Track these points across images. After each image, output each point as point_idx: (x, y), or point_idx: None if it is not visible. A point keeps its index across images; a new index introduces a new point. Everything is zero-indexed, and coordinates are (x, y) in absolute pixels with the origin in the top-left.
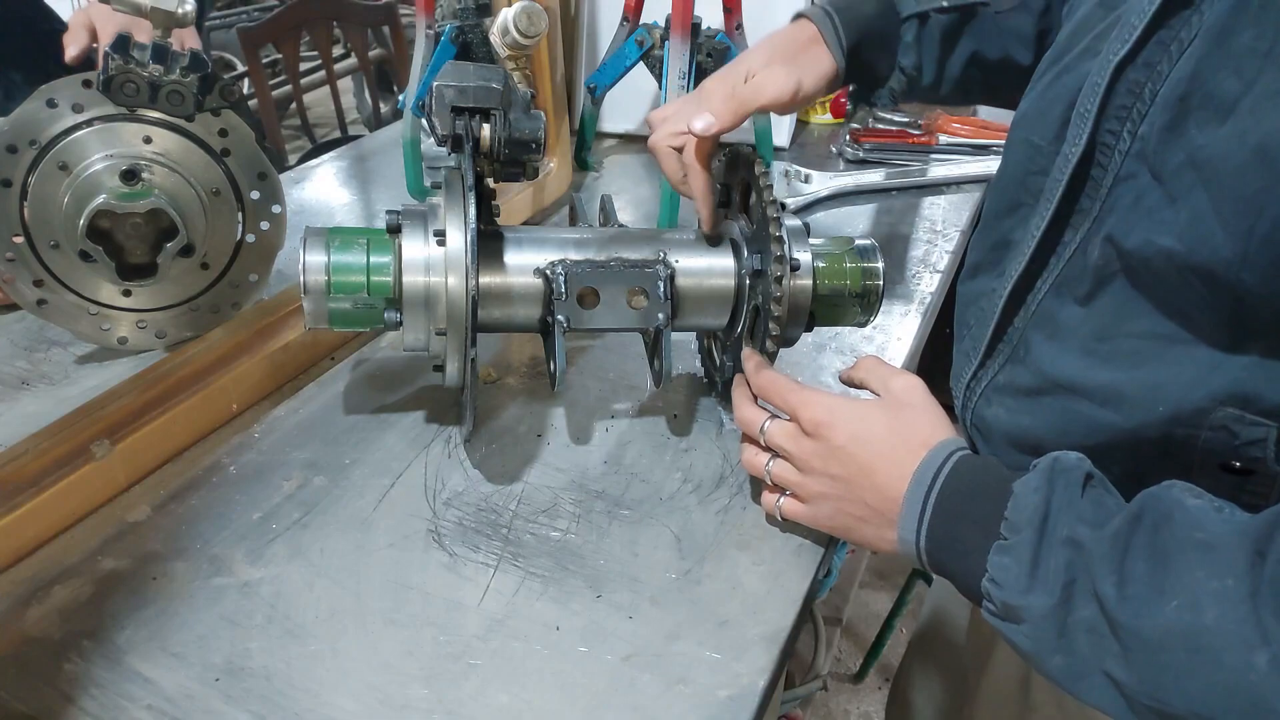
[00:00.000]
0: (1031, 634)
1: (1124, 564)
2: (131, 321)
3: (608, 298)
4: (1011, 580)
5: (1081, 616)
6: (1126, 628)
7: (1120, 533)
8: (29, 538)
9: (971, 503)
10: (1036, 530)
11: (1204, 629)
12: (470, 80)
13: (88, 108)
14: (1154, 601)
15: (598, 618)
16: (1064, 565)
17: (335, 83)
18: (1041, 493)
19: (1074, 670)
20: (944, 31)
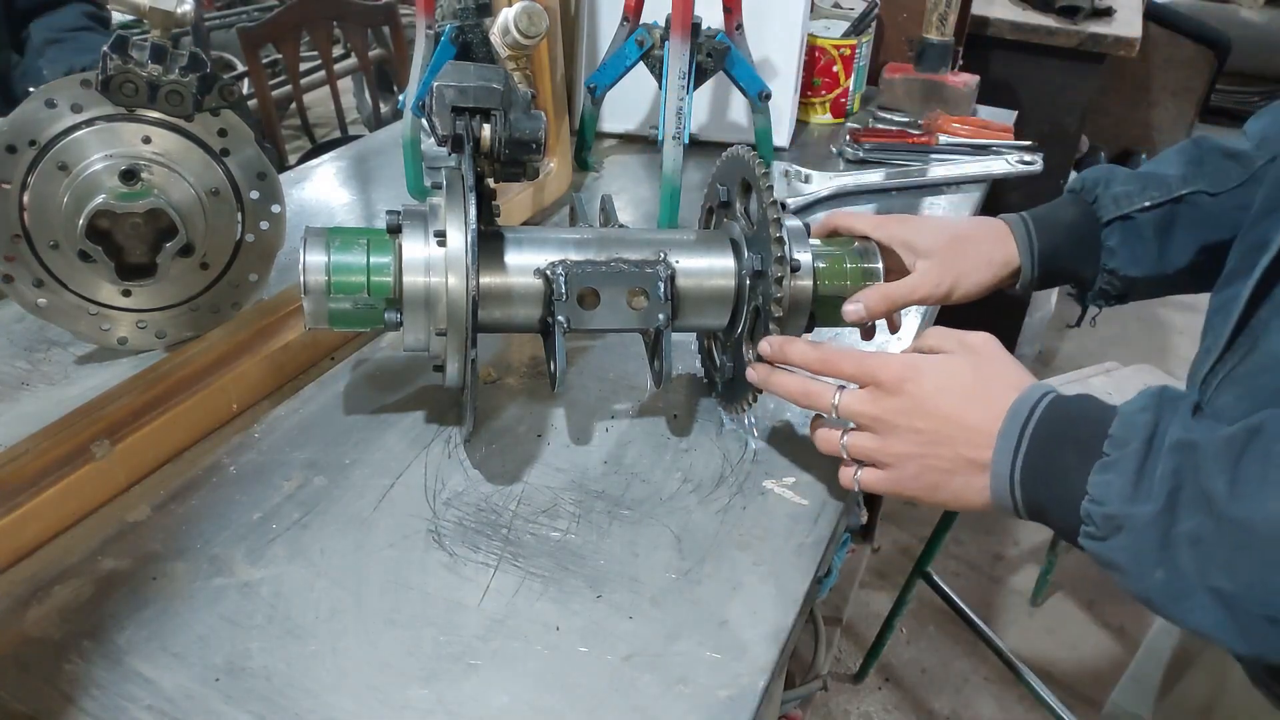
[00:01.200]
0: (1132, 546)
1: (1239, 464)
2: (131, 321)
3: (608, 298)
4: (1114, 493)
5: (1187, 528)
6: (1237, 522)
7: (1236, 437)
8: (29, 538)
9: (1072, 428)
10: (1144, 443)
11: None
12: (470, 80)
13: (87, 108)
14: (1270, 495)
15: (598, 618)
16: (1171, 471)
17: (335, 83)
18: (1151, 411)
19: (1176, 588)
20: (1155, 228)
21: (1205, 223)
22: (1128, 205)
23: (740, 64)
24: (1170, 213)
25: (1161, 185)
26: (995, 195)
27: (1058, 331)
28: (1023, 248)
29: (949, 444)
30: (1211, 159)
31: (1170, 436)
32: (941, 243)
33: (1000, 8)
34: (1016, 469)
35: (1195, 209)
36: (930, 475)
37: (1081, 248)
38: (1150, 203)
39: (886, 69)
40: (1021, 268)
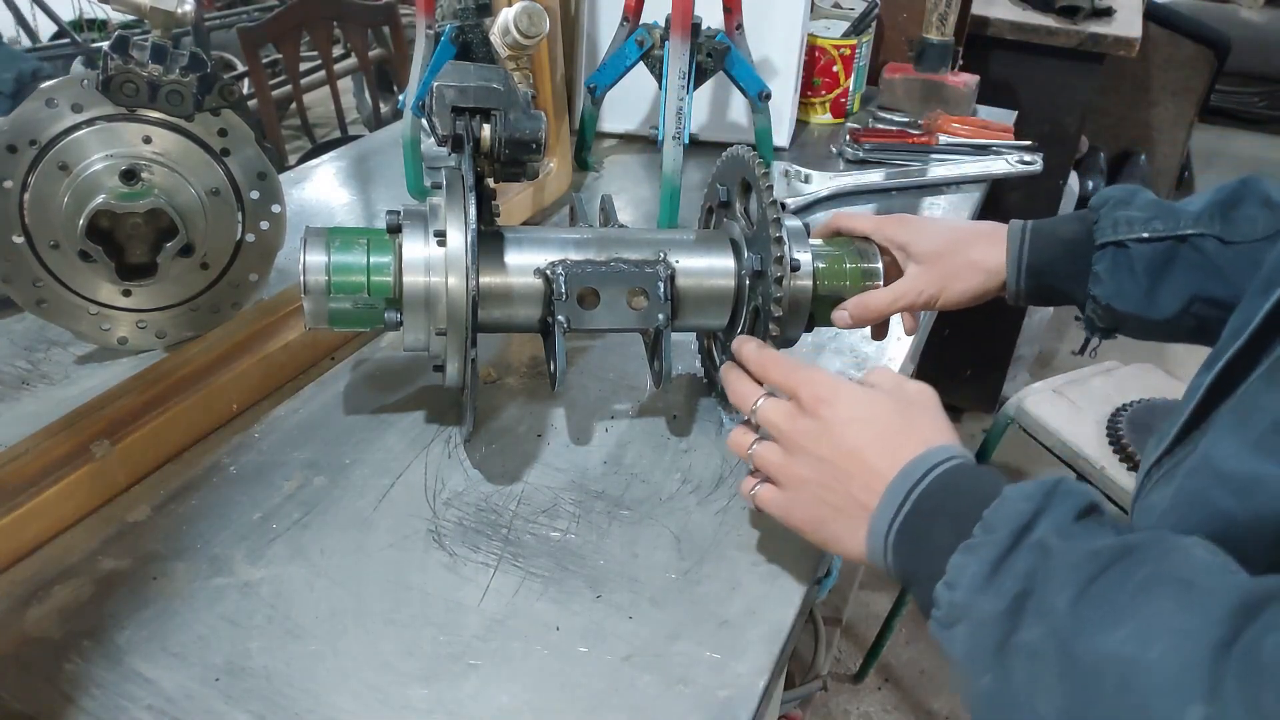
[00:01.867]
0: (969, 641)
1: (1092, 583)
2: (131, 321)
3: (608, 298)
4: (967, 580)
5: (1027, 638)
6: (1065, 648)
7: (1101, 553)
8: (29, 538)
9: (955, 500)
10: (1013, 534)
11: (1144, 665)
12: (470, 80)
13: (87, 107)
14: (1105, 625)
15: (598, 618)
16: (1024, 573)
17: (335, 83)
18: (1033, 502)
19: (1001, 699)
20: (1148, 264)
21: (1207, 271)
22: (1126, 232)
23: (740, 64)
24: (1170, 251)
25: (1170, 218)
26: (995, 195)
27: (1057, 332)
28: (1011, 256)
29: (845, 481)
30: (1248, 203)
31: (1037, 533)
32: (934, 247)
33: (1000, 8)
34: (893, 530)
35: (1199, 254)
36: (819, 509)
37: (1073, 267)
38: (1149, 234)
39: (886, 69)
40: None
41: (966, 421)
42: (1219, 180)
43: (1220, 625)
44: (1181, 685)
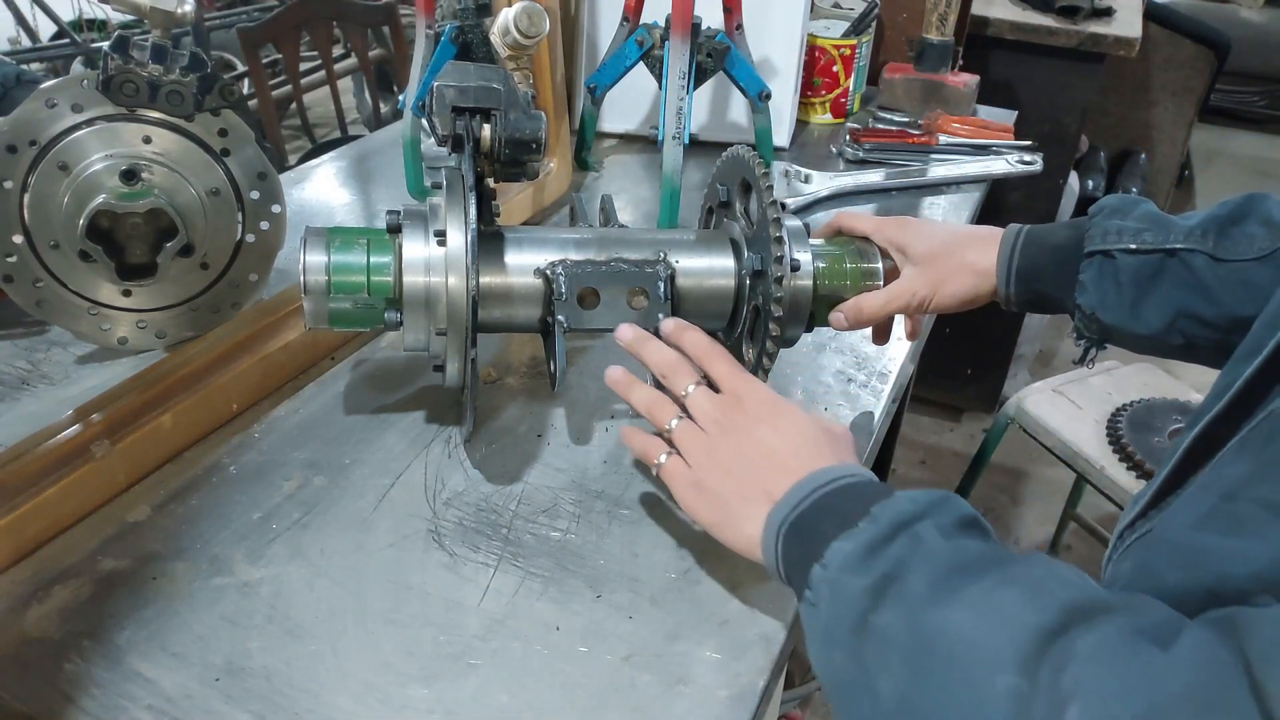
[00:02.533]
0: (831, 617)
1: (952, 574)
2: (131, 321)
3: (608, 298)
4: (840, 560)
5: (884, 620)
6: (913, 628)
7: (968, 552)
8: (29, 538)
9: (850, 503)
10: (891, 526)
11: (975, 640)
12: (470, 80)
13: (87, 108)
14: (951, 608)
15: (598, 618)
16: (895, 559)
17: (335, 83)
18: (919, 505)
19: (848, 676)
20: (1134, 276)
21: (1193, 288)
22: (1115, 242)
23: (740, 64)
24: (1158, 265)
25: (1162, 230)
26: (995, 195)
27: (1058, 331)
28: (1001, 260)
29: (758, 473)
30: (1250, 221)
31: (915, 528)
32: (930, 249)
33: (1000, 8)
34: (787, 522)
35: (1187, 270)
36: (723, 493)
37: (1062, 274)
38: (1138, 246)
39: (886, 69)
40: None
41: (966, 421)
42: (1219, 180)
43: (1052, 616)
44: (1000, 659)
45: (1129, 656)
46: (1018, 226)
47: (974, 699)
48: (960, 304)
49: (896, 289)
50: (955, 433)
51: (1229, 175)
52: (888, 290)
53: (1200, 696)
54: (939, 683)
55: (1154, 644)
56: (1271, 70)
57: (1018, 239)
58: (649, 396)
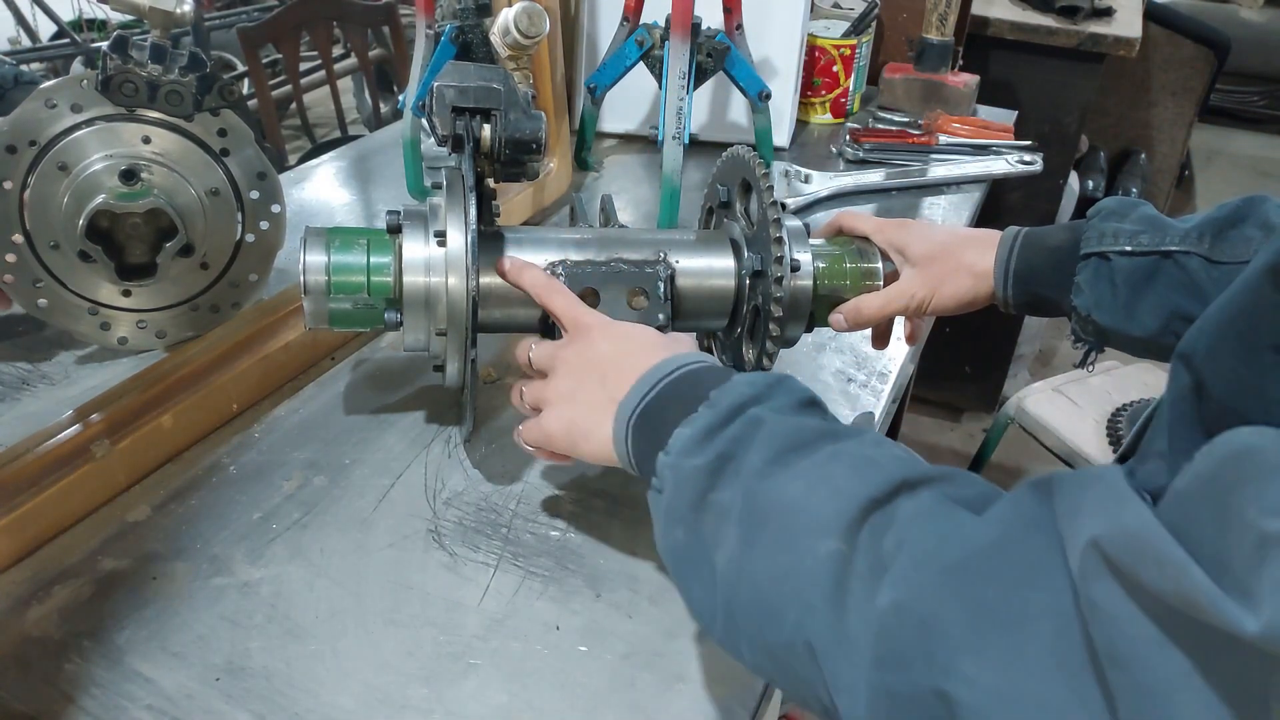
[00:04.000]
0: (672, 497)
1: (789, 451)
2: (131, 321)
3: (608, 298)
4: (681, 445)
5: (721, 497)
6: (749, 494)
7: (803, 430)
8: (29, 538)
9: (692, 388)
10: (730, 410)
11: (803, 508)
12: (470, 80)
13: (87, 108)
14: (785, 481)
15: (597, 617)
16: (732, 438)
17: (335, 83)
18: (756, 388)
19: (688, 552)
20: (1128, 278)
21: (1188, 290)
22: (1110, 244)
23: (740, 64)
24: (1153, 266)
25: (1158, 232)
26: (995, 195)
27: (1057, 331)
28: (999, 261)
29: (600, 381)
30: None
31: (753, 410)
32: (929, 251)
33: (1000, 8)
34: (634, 415)
35: (1182, 271)
36: (570, 411)
37: (1058, 276)
38: (1133, 248)
39: (886, 69)
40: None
41: (966, 421)
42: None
43: (878, 488)
44: (825, 525)
45: (944, 518)
46: (1016, 229)
47: (797, 563)
48: (958, 306)
49: (895, 290)
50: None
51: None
52: (886, 292)
53: (1007, 549)
54: (767, 549)
55: (969, 509)
56: (1271, 70)
57: (1015, 241)
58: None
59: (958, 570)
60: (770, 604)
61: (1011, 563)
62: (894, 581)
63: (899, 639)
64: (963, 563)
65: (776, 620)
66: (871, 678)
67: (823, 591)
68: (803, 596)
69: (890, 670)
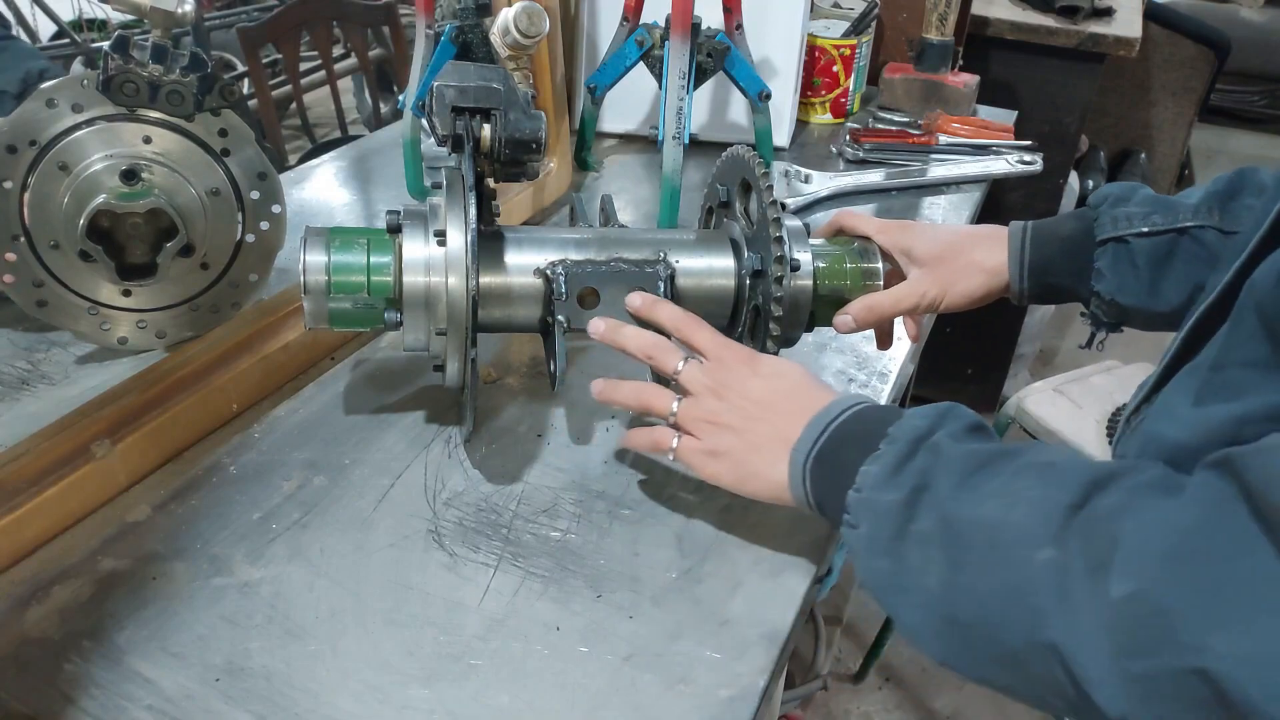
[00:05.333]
0: (870, 532)
1: (973, 474)
2: (131, 321)
3: (608, 298)
4: (871, 482)
5: (921, 526)
6: (947, 521)
7: (982, 453)
8: (29, 538)
9: (863, 429)
10: (910, 443)
11: (1007, 523)
12: (470, 80)
13: (87, 108)
14: (979, 501)
15: (598, 618)
16: (920, 470)
17: (335, 83)
18: (929, 420)
19: (896, 580)
20: (1150, 258)
21: (1207, 261)
22: (1126, 227)
23: (740, 64)
24: (1170, 244)
25: (1169, 212)
26: (995, 195)
27: (1058, 330)
28: (1013, 256)
29: (768, 422)
30: (1246, 194)
31: (932, 440)
32: (936, 251)
33: (1000, 8)
34: (810, 458)
35: (1199, 245)
36: (741, 451)
37: (1074, 264)
38: (1149, 229)
39: (886, 69)
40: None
41: None
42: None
43: (1072, 493)
44: (1035, 535)
45: (1142, 509)
46: (1021, 223)
47: (1017, 575)
48: (972, 303)
49: (906, 289)
50: None
51: None
52: (897, 290)
53: (1211, 527)
54: (981, 567)
55: (1163, 494)
56: (1271, 70)
57: (1025, 235)
58: (637, 391)
59: (1174, 555)
60: (997, 616)
61: (1220, 538)
62: (1119, 576)
63: (1139, 629)
64: (1177, 547)
65: (1007, 629)
66: (1121, 668)
67: (1051, 596)
68: (1030, 603)
69: (1138, 659)
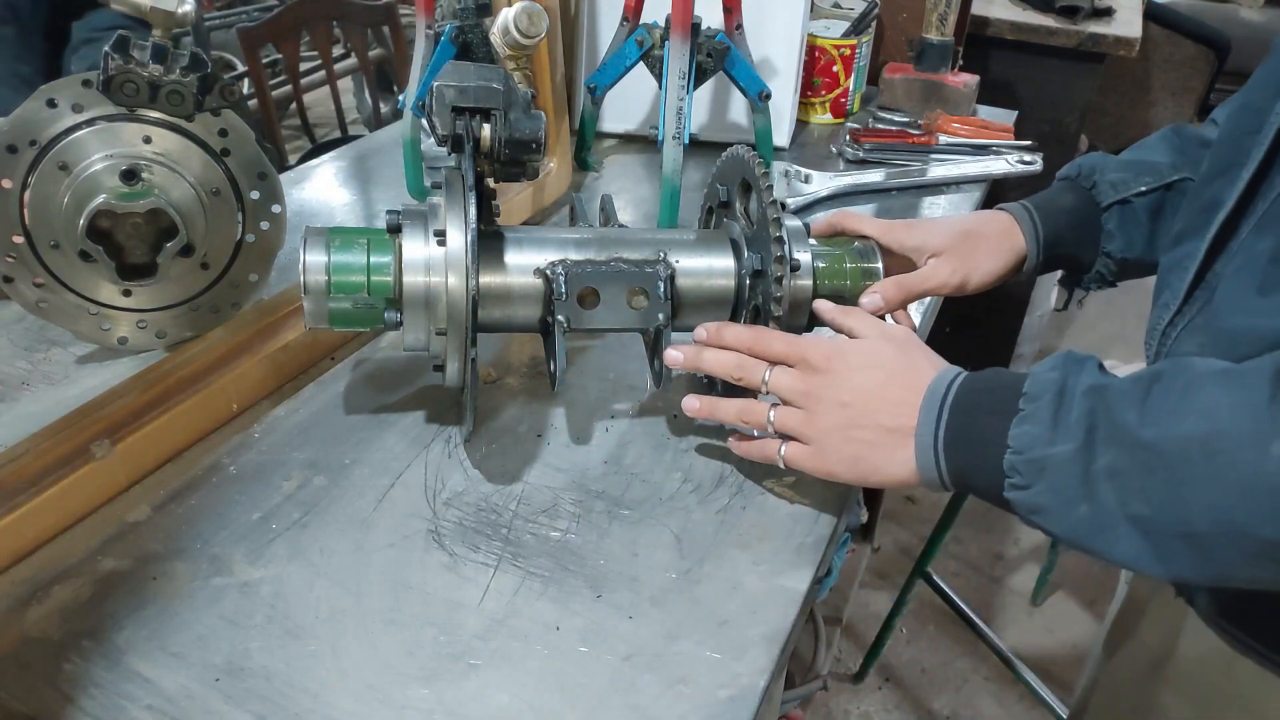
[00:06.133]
0: (1055, 486)
1: (1147, 398)
2: (131, 321)
3: (608, 298)
4: (1032, 440)
5: (1105, 462)
6: (1148, 446)
7: (1142, 378)
8: (29, 538)
9: (989, 396)
10: (1056, 394)
11: (1220, 432)
12: (470, 80)
13: (88, 108)
14: (1174, 419)
15: (598, 618)
16: (1086, 412)
17: (335, 83)
18: (1059, 370)
19: (1099, 521)
20: (1149, 212)
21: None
22: (1125, 190)
23: (740, 64)
24: (1161, 198)
25: (1153, 172)
26: (995, 195)
27: (1057, 330)
28: (1029, 236)
29: (872, 416)
30: (1191, 148)
31: (1081, 384)
32: (952, 239)
33: (1000, 8)
34: (940, 438)
35: (1182, 195)
36: (853, 447)
37: (1082, 232)
38: (1145, 188)
39: (886, 69)
40: (1028, 255)
41: None
42: None
43: (1263, 389)
44: (1257, 433)
45: None
46: (1019, 205)
47: (1255, 475)
48: (995, 281)
49: (934, 270)
50: None
51: None
52: (925, 271)
53: None
54: (1210, 479)
55: None
56: None
57: (1032, 215)
58: (736, 406)
59: None
60: (1244, 517)
61: None
62: None
63: None
64: None
65: (1267, 523)
66: None
67: None
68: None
69: None
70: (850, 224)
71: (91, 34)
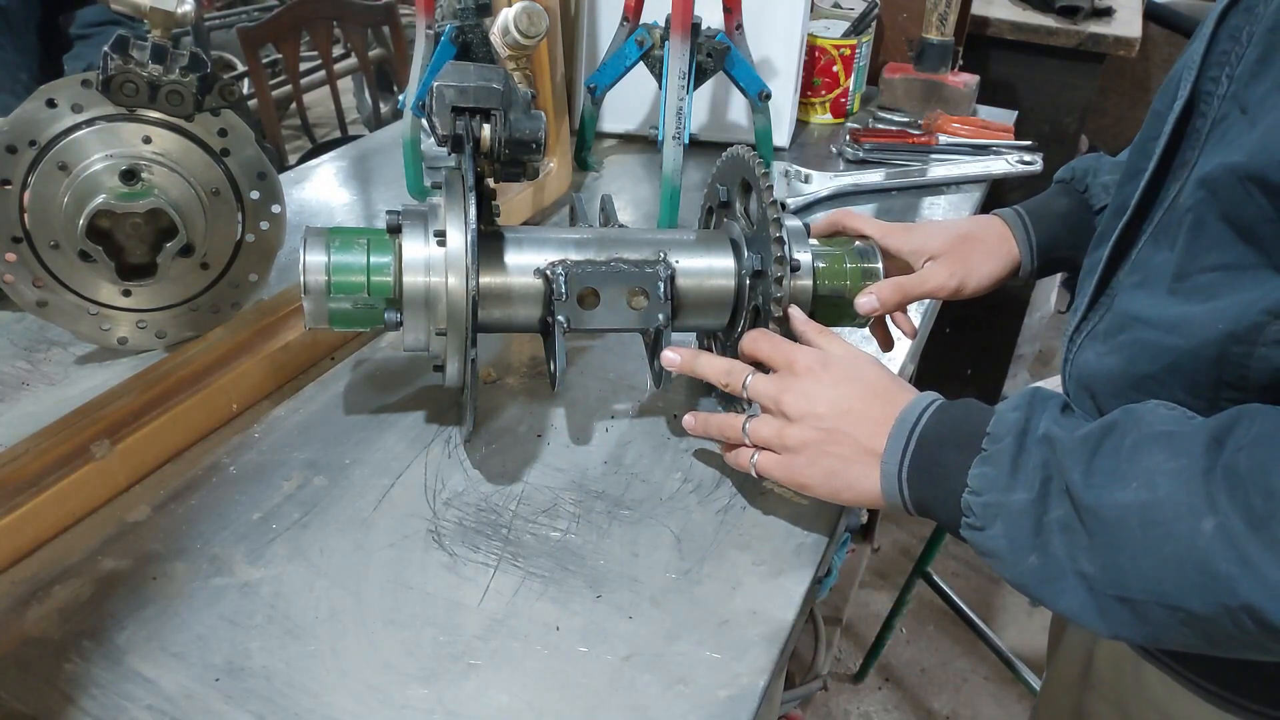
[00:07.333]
0: (1008, 533)
1: (1093, 458)
2: (131, 321)
3: (608, 298)
4: (990, 483)
5: (1056, 515)
6: (1089, 510)
7: (1092, 434)
8: (29, 538)
9: (954, 430)
10: (1016, 438)
11: (1157, 503)
12: (470, 80)
13: (87, 108)
14: (1116, 484)
15: (598, 618)
16: (1040, 463)
17: (335, 83)
18: (1022, 410)
19: (1048, 571)
20: None
21: None
22: None
23: (740, 64)
24: None
25: None
26: (995, 195)
27: (1057, 331)
28: (1021, 243)
29: (848, 433)
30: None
31: (1038, 431)
32: (949, 243)
33: (1000, 8)
34: (904, 468)
35: None
36: (826, 461)
37: (1076, 235)
38: None
39: (886, 69)
40: (1021, 261)
41: None
42: None
43: (1201, 458)
44: (1189, 508)
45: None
46: (1012, 210)
47: (1187, 549)
48: (990, 286)
49: (932, 273)
50: None
51: None
52: (923, 274)
53: None
54: (1145, 547)
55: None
56: None
57: (1024, 220)
58: (718, 421)
59: None
60: (1175, 588)
61: None
62: None
63: None
64: None
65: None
66: None
67: (1233, 563)
68: (1212, 572)
69: None
70: (850, 223)
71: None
